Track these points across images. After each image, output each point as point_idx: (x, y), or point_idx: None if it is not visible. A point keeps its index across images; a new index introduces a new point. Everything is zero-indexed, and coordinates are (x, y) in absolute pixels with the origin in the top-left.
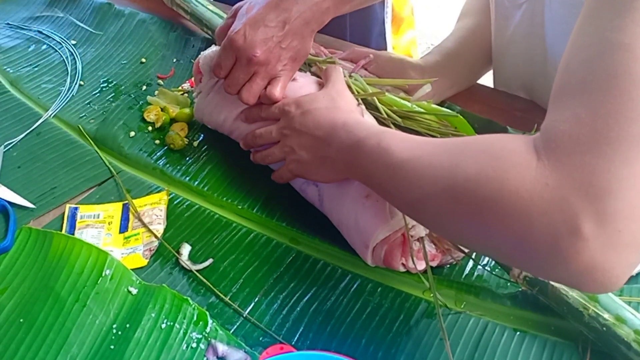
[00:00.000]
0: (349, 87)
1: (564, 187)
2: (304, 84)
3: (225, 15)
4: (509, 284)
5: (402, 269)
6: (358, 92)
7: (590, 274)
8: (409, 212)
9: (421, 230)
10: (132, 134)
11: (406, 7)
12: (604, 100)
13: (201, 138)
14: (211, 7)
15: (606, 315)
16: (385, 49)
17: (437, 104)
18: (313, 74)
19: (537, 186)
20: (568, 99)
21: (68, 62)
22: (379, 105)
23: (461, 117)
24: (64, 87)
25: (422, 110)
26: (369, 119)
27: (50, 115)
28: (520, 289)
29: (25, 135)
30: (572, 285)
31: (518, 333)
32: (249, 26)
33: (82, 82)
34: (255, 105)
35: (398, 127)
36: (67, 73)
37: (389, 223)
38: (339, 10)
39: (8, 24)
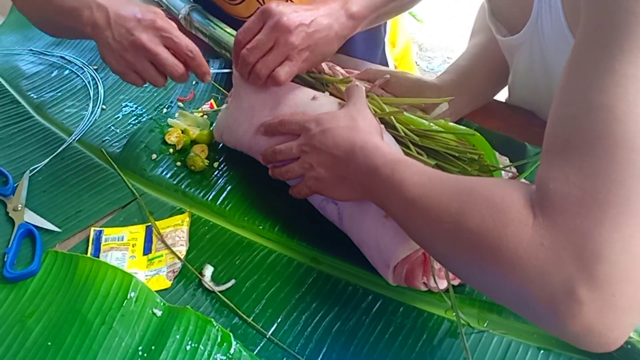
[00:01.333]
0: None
1: (559, 250)
2: (324, 103)
3: None
4: None
5: (423, 288)
6: (376, 112)
7: (587, 336)
8: (420, 245)
9: None
10: (154, 156)
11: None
12: (590, 161)
13: (221, 159)
14: (229, 29)
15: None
16: (387, 64)
17: (455, 122)
18: (331, 94)
19: (533, 245)
20: (557, 156)
21: (90, 87)
22: (397, 124)
23: (479, 135)
24: (86, 111)
25: (439, 129)
26: (388, 140)
27: (74, 140)
28: None
29: (50, 160)
30: (571, 343)
31: (542, 351)
32: (284, 5)
33: (104, 106)
34: (276, 120)
35: (416, 145)
36: (90, 97)
37: (409, 242)
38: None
39: (31, 50)
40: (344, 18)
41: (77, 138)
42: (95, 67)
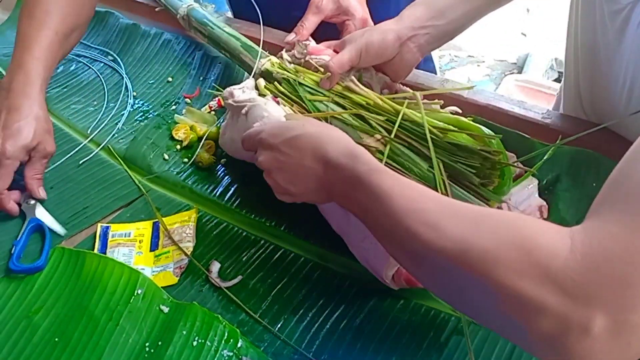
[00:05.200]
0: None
1: (590, 290)
2: (272, 110)
3: (241, 37)
4: None
5: None
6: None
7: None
8: (404, 262)
9: None
10: (161, 153)
11: None
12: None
13: (228, 155)
14: (227, 29)
15: None
16: None
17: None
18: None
19: (562, 277)
20: (608, 210)
21: (96, 83)
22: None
23: (498, 140)
24: (92, 107)
25: (454, 128)
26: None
27: (87, 141)
28: None
29: (57, 157)
30: None
31: None
32: None
33: (111, 103)
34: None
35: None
36: (96, 94)
37: (390, 263)
38: None
39: None
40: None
41: (90, 139)
42: (101, 63)
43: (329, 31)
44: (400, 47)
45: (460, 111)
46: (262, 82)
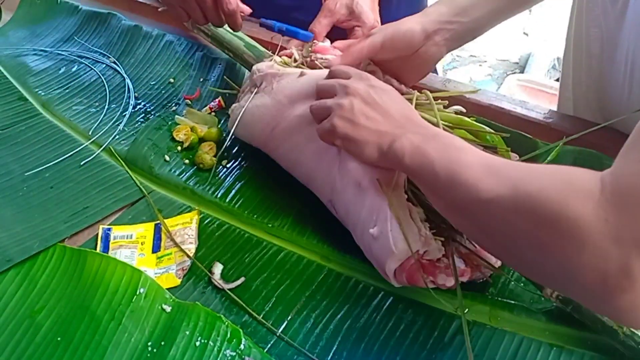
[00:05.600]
0: None
1: (624, 229)
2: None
3: (244, 37)
4: (543, 298)
5: (431, 286)
6: None
7: (631, 312)
8: (457, 215)
9: (437, 253)
10: (162, 154)
11: None
12: None
13: (230, 157)
14: (231, 30)
15: None
16: None
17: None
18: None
19: (596, 219)
20: (633, 152)
21: (98, 84)
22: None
23: (501, 139)
24: (94, 108)
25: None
26: None
27: (89, 142)
28: (554, 304)
29: (56, 156)
30: (612, 319)
31: (554, 349)
32: None
33: (112, 104)
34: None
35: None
36: (98, 95)
37: (394, 255)
38: None
39: (41, 49)
40: None
41: (91, 140)
42: (103, 65)
43: (338, 37)
44: (426, 39)
45: (464, 110)
46: (277, 59)
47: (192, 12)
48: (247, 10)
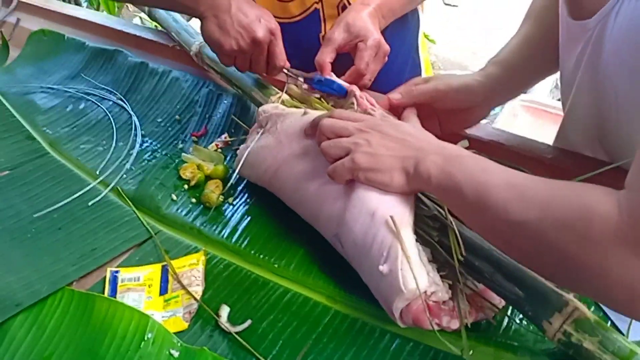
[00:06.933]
0: None
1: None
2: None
3: (252, 75)
4: (546, 338)
5: (436, 328)
6: None
7: None
8: (487, 233)
9: (444, 294)
10: (170, 193)
11: None
12: None
13: (236, 194)
14: None
15: None
16: (419, 65)
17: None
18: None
19: (617, 239)
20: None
21: (105, 122)
22: None
23: None
24: (101, 147)
25: None
26: None
27: (97, 182)
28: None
29: (64, 197)
30: None
31: None
32: None
33: (119, 142)
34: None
35: None
36: (105, 132)
37: (403, 294)
38: None
39: (46, 86)
40: None
41: (99, 180)
42: (110, 102)
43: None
44: (485, 99)
45: (467, 144)
46: (286, 96)
47: (241, 62)
48: (288, 65)
